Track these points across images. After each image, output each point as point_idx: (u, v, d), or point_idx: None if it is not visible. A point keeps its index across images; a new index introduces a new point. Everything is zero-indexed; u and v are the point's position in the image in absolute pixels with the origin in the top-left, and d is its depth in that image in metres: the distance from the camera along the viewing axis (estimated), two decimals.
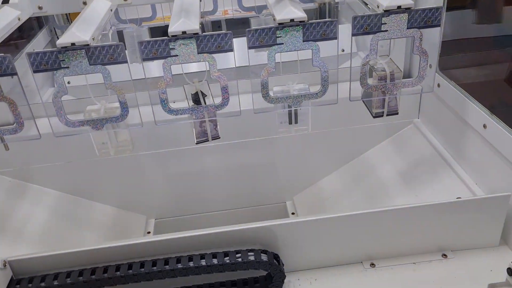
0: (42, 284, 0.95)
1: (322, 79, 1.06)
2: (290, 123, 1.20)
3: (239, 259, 0.95)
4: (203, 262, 0.95)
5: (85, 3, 1.27)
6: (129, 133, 1.18)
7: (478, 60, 1.47)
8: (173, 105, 1.07)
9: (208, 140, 1.19)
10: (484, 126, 1.12)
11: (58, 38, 1.02)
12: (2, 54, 0.94)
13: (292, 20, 0.99)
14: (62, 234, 1.40)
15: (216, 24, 2.04)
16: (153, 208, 1.64)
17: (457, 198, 1.09)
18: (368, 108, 1.22)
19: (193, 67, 1.23)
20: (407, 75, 1.56)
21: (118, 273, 0.93)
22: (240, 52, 1.09)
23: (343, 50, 1.83)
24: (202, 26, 1.75)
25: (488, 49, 1.51)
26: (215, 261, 0.95)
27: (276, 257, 0.99)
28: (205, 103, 1.14)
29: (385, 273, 1.04)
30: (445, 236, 1.07)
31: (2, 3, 1.20)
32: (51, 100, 1.01)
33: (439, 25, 1.03)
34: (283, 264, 1.01)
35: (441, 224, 1.05)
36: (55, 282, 0.94)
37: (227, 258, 0.96)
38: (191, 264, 0.95)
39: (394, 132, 1.56)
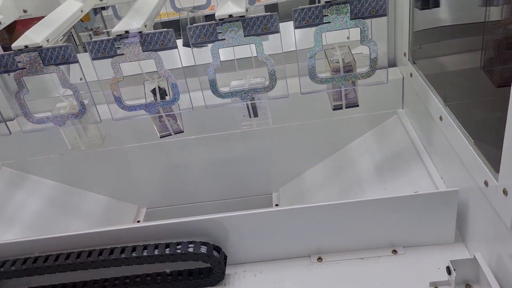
0: (12, 268, 1.04)
1: (269, 73, 1.06)
2: (250, 116, 1.21)
3: (178, 251, 0.99)
4: (144, 253, 0.99)
5: None
6: (97, 128, 1.24)
7: (464, 46, 1.38)
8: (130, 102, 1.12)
9: (171, 134, 1.23)
10: (440, 118, 1.07)
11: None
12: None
13: (230, 15, 0.99)
14: (53, 222, 1.50)
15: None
16: (145, 198, 1.71)
17: (415, 192, 1.06)
18: (330, 100, 1.20)
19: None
20: (393, 63, 1.51)
21: (68, 261, 1.00)
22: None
23: (348, 38, 1.80)
24: (194, 20, 1.78)
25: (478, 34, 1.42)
26: (156, 251, 0.99)
27: (218, 249, 1.02)
28: (164, 99, 1.17)
29: (330, 267, 1.03)
30: (397, 232, 1.04)
31: None
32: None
33: (385, 15, 0.99)
34: (225, 256, 1.03)
35: (392, 219, 1.03)
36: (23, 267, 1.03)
37: (168, 249, 0.99)
38: (133, 254, 1.00)
39: (379, 123, 1.52)
